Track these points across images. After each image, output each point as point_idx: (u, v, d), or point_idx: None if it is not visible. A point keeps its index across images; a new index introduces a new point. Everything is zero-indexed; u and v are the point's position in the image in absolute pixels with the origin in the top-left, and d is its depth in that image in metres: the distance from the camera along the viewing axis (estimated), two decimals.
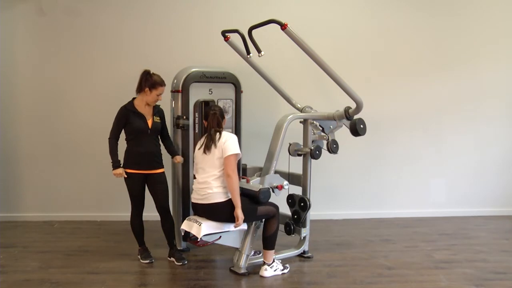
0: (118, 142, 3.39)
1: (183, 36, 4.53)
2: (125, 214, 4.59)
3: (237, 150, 3.10)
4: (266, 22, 3.08)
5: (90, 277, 3.19)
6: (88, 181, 4.62)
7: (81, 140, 4.58)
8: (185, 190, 3.67)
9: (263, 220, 3.27)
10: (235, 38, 3.71)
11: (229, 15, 4.52)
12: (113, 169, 3.34)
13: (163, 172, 3.49)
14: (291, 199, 3.54)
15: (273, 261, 3.26)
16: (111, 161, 3.34)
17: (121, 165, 3.36)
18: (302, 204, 3.43)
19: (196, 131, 3.61)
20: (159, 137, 3.51)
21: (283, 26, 2.99)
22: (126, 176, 3.35)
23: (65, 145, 4.59)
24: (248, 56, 3.52)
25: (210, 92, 3.72)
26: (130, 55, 4.49)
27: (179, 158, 3.56)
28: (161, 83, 3.37)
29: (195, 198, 3.16)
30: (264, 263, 3.25)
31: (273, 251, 3.26)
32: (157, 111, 3.48)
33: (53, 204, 4.62)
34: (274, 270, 3.23)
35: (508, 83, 4.90)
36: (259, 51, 3.21)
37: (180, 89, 3.62)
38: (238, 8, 4.55)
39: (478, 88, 4.88)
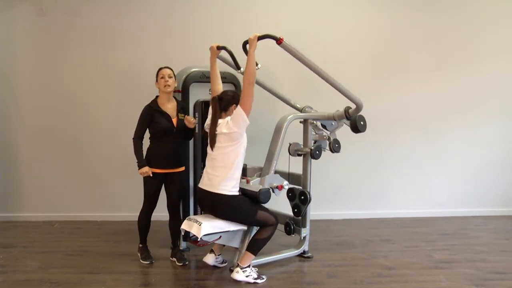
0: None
1: (183, 36, 4.53)
2: (125, 214, 4.59)
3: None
4: (261, 37, 3.00)
5: (90, 277, 3.18)
6: (88, 181, 4.62)
7: (81, 140, 4.58)
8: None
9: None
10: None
11: (229, 15, 4.52)
12: (139, 169, 3.31)
13: (183, 171, 3.48)
14: (291, 193, 3.55)
15: (248, 266, 3.11)
16: (136, 160, 3.31)
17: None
18: (302, 197, 3.44)
19: (196, 131, 3.61)
20: (182, 136, 3.46)
21: (278, 41, 2.94)
22: (152, 175, 3.33)
23: (65, 145, 4.59)
24: (238, 71, 3.49)
25: (210, 92, 3.70)
26: (130, 55, 4.48)
27: (189, 118, 3.40)
28: (159, 69, 3.39)
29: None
30: (237, 265, 3.12)
31: (253, 257, 3.12)
32: (181, 108, 3.44)
33: (53, 204, 4.62)
34: (246, 276, 3.07)
35: (508, 83, 4.90)
36: (255, 64, 3.10)
37: (180, 89, 3.62)
38: (238, 8, 4.54)
39: (478, 88, 4.88)
